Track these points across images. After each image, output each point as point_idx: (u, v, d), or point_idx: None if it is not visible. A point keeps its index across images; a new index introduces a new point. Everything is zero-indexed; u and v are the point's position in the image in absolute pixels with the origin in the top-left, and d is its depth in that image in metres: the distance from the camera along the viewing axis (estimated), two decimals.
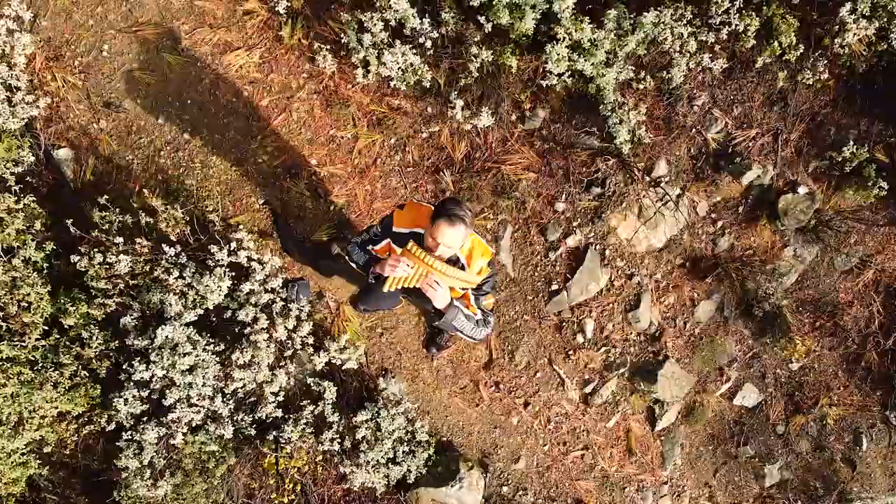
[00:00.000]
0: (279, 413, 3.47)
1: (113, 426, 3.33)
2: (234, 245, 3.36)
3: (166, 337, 3.20)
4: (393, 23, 3.40)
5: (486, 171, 3.94)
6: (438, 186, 3.97)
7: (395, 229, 2.76)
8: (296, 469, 3.69)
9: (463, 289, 2.77)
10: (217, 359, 3.35)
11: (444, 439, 4.04)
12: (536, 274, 4.18)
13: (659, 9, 3.47)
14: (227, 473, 3.51)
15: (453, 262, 2.71)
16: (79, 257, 3.20)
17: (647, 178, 4.01)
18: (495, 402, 4.17)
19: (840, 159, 4.03)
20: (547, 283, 4.17)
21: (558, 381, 4.27)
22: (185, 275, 3.31)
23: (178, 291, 3.27)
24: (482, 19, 3.38)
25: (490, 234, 4.08)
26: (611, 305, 4.23)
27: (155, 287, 3.29)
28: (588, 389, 4.30)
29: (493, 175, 3.96)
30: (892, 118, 3.99)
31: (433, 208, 2.64)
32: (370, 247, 2.88)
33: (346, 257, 2.93)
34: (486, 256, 2.76)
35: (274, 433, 3.51)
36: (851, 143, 4.03)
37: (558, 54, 3.42)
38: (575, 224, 4.12)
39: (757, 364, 4.53)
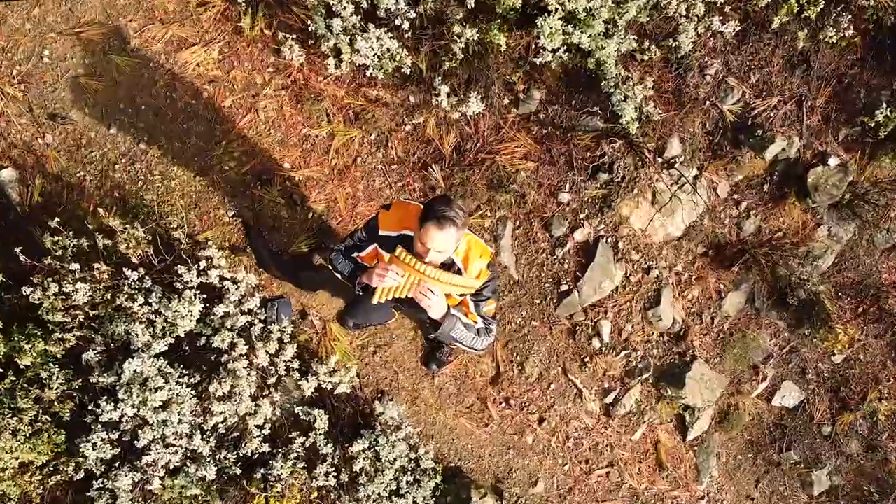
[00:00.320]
0: (266, 448, 3.48)
1: (82, 474, 3.31)
2: (203, 264, 3.38)
3: (135, 371, 3.19)
4: (365, 5, 3.41)
5: (480, 164, 3.95)
6: (427, 184, 3.99)
7: (381, 233, 2.77)
8: None
9: (461, 295, 2.79)
10: (193, 392, 3.34)
11: (453, 465, 4.06)
12: (543, 274, 4.18)
13: None
14: None
15: (448, 266, 2.72)
16: (31, 289, 3.18)
17: (660, 160, 4.03)
18: (506, 421, 4.17)
19: (873, 124, 4.02)
20: (555, 284, 4.18)
21: (575, 393, 4.28)
22: (151, 301, 3.30)
23: (144, 320, 3.27)
24: None
25: (488, 232, 4.08)
26: (628, 304, 4.24)
27: (119, 317, 3.29)
28: (609, 399, 4.31)
29: (488, 167, 3.97)
30: None
31: (422, 207, 2.65)
32: (355, 254, 2.89)
33: (330, 267, 2.94)
34: (485, 258, 2.77)
35: (262, 471, 3.51)
36: (884, 105, 4.01)
37: (551, 27, 3.41)
38: (582, 216, 4.13)
39: (796, 359, 4.55)
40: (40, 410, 3.26)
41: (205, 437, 3.38)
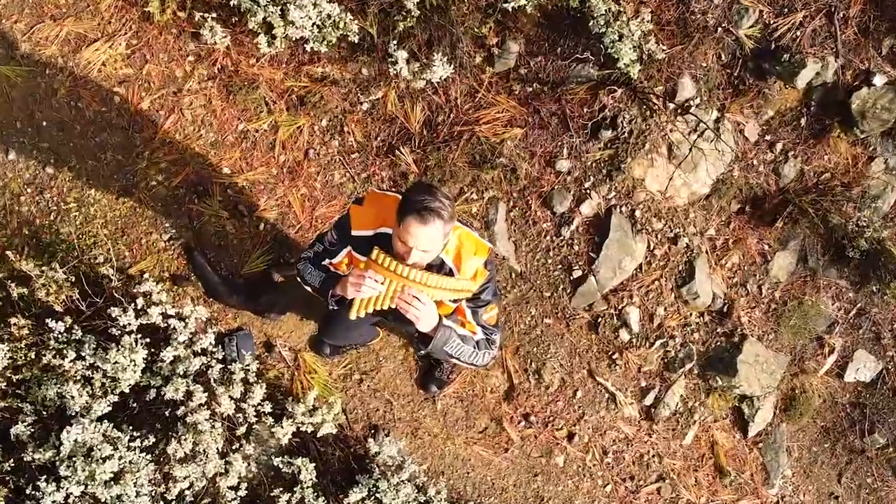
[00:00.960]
0: None
1: None
2: (141, 302, 3.39)
3: (75, 441, 3.15)
4: None
5: (457, 138, 3.99)
6: (397, 170, 4.03)
7: (354, 233, 2.79)
8: None
9: (454, 301, 2.82)
10: (149, 457, 3.31)
11: (472, 503, 4.08)
12: (550, 261, 4.20)
13: None
14: None
15: (437, 267, 2.75)
16: None
17: (671, 105, 4.05)
18: (529, 442, 4.18)
19: None
20: (566, 271, 4.19)
21: (607, 398, 4.29)
22: (84, 354, 3.30)
23: (79, 378, 3.26)
24: None
25: (478, 219, 4.09)
26: (656, 283, 4.26)
27: (48, 378, 3.26)
28: (649, 400, 4.33)
29: (467, 141, 4.00)
30: None
31: (400, 199, 2.67)
32: (326, 261, 2.91)
33: (298, 278, 2.98)
34: (481, 254, 2.79)
35: None
36: None
37: None
38: (587, 185, 4.14)
39: (866, 323, 4.55)
40: None
41: None
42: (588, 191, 4.14)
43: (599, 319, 4.24)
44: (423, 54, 3.76)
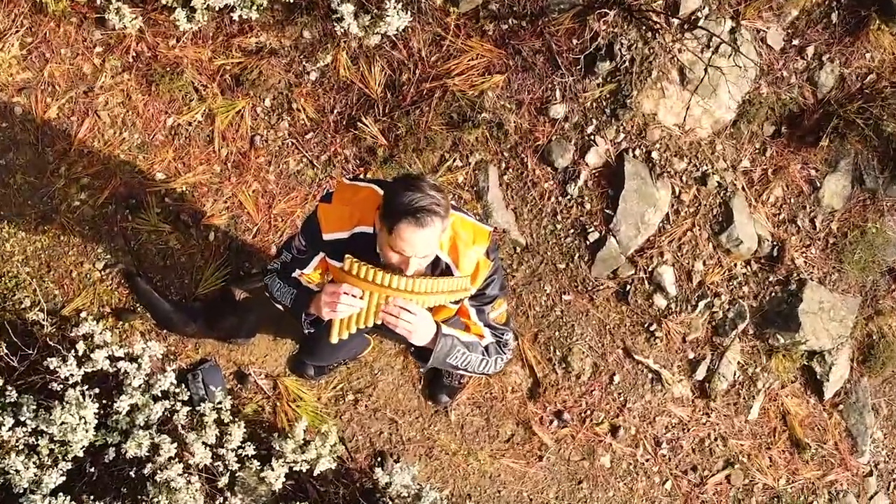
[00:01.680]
0: None
1: None
2: (81, 347, 3.40)
3: None
4: None
5: (427, 97, 4.01)
6: (362, 146, 4.05)
7: (326, 236, 2.80)
8: None
9: (455, 302, 2.85)
10: None
11: None
12: (559, 226, 4.23)
13: None
14: None
15: (431, 266, 2.78)
16: None
17: (675, 22, 4.07)
18: (566, 444, 4.21)
19: None
20: (580, 235, 4.21)
21: (651, 378, 4.32)
22: (23, 419, 3.30)
23: (22, 448, 3.27)
24: None
25: (467, 190, 4.12)
26: (689, 234, 4.28)
27: None
28: (701, 374, 4.34)
29: (441, 99, 4.03)
30: None
31: (380, 191, 2.69)
32: (297, 272, 2.94)
33: (268, 296, 3.01)
34: (481, 242, 2.79)
35: None
36: None
37: None
38: (590, 130, 4.17)
39: None
40: None
41: None
42: (592, 137, 4.16)
43: (628, 287, 4.25)
44: (373, 4, 3.77)
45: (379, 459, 3.97)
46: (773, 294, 4.38)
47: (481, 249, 2.78)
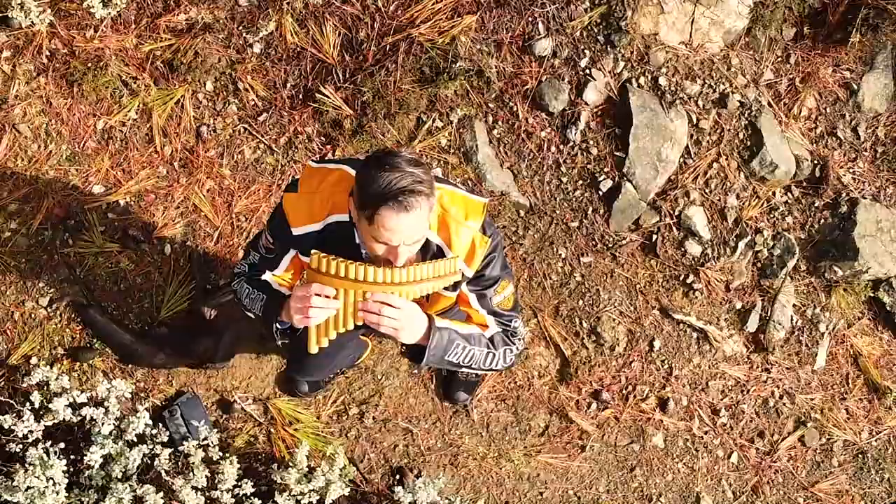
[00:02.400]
0: None
1: None
2: (37, 399, 3.38)
3: None
4: None
5: (392, 53, 3.96)
6: (326, 119, 4.02)
7: (296, 231, 2.72)
8: None
9: (452, 288, 2.79)
10: None
11: None
12: (564, 178, 4.18)
13: None
14: None
15: (422, 251, 2.70)
16: None
17: None
18: (610, 428, 4.15)
19: None
20: (590, 186, 4.17)
21: (696, 338, 4.25)
22: None
23: None
24: None
25: (453, 153, 4.11)
26: (716, 166, 4.21)
27: None
28: (752, 325, 4.26)
29: (407, 53, 3.97)
30: None
31: (352, 172, 2.62)
32: (267, 274, 2.85)
33: (237, 303, 2.98)
34: (475, 216, 2.72)
35: None
36: None
37: None
38: (584, 64, 4.11)
39: None
40: None
41: None
42: (587, 71, 4.11)
43: (654, 237, 4.20)
44: None
45: (398, 477, 3.93)
46: (823, 220, 4.32)
47: (476, 225, 2.71)
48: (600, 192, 4.16)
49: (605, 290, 4.20)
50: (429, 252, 2.69)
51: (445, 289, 2.73)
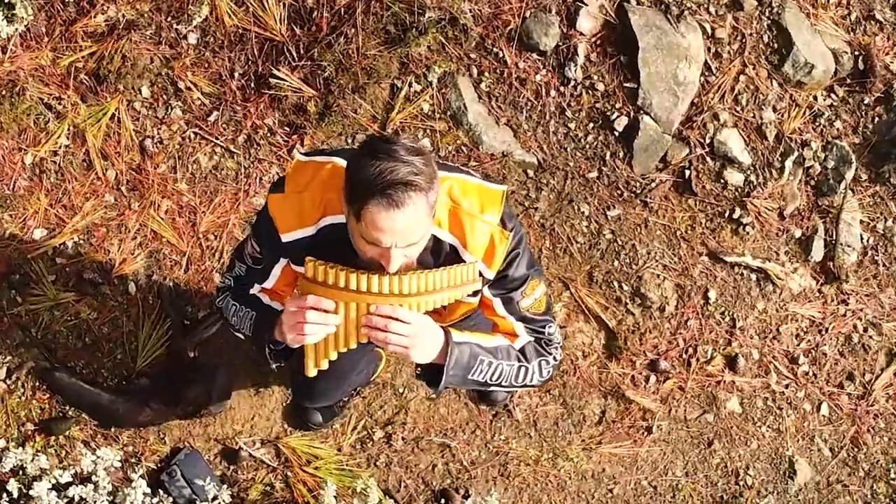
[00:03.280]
0: None
1: None
2: (14, 487, 3.40)
3: None
4: None
5: (349, 18, 3.90)
6: (287, 106, 3.98)
7: (285, 238, 2.65)
8: None
9: (473, 294, 2.70)
10: None
11: None
12: (572, 125, 4.09)
13: None
14: None
15: (432, 250, 2.62)
16: None
17: None
18: (676, 401, 4.08)
19: None
20: (604, 127, 4.09)
21: (756, 280, 4.17)
22: None
23: None
24: None
25: (440, 118, 4.04)
26: (743, 79, 4.14)
27: None
28: (818, 253, 4.19)
29: (367, 14, 3.92)
30: None
31: (342, 165, 2.55)
32: (255, 288, 2.84)
33: (223, 321, 3.02)
34: (492, 208, 2.63)
35: None
36: None
37: None
38: None
39: None
40: None
41: None
42: None
43: (687, 172, 4.14)
44: None
45: (443, 501, 3.86)
46: (877, 119, 4.24)
47: (493, 218, 2.61)
48: (616, 133, 4.09)
49: (642, 243, 4.13)
50: (441, 253, 2.62)
51: (469, 296, 2.70)
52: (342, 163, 2.55)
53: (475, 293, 2.70)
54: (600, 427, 4.00)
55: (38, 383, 3.72)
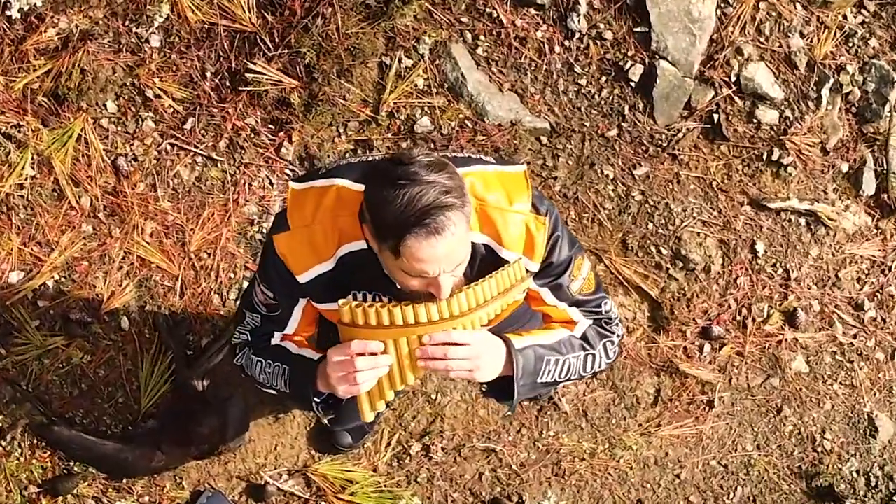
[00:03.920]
0: None
1: None
2: None
3: None
4: None
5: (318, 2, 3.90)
6: (268, 101, 3.92)
7: (302, 278, 2.56)
8: None
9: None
10: None
11: None
12: (583, 81, 4.04)
13: None
14: None
15: (469, 262, 2.49)
16: None
17: None
18: (735, 369, 4.05)
19: None
20: (618, 79, 4.03)
21: (805, 224, 4.12)
22: None
23: None
24: None
25: (438, 93, 3.98)
26: (762, 6, 4.07)
27: None
28: (869, 186, 4.13)
29: None
30: None
31: (349, 185, 2.51)
32: (276, 337, 2.74)
33: (249, 380, 2.82)
34: (519, 194, 2.56)
35: None
36: None
37: None
38: None
39: None
40: None
41: None
42: None
43: (716, 116, 4.08)
44: None
45: None
46: None
47: (525, 206, 2.54)
48: (632, 84, 4.05)
49: (676, 200, 4.10)
50: (477, 257, 2.52)
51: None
52: (345, 183, 2.49)
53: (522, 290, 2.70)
54: (657, 408, 4.00)
55: (36, 440, 3.72)
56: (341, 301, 2.43)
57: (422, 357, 2.39)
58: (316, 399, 2.59)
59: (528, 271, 2.55)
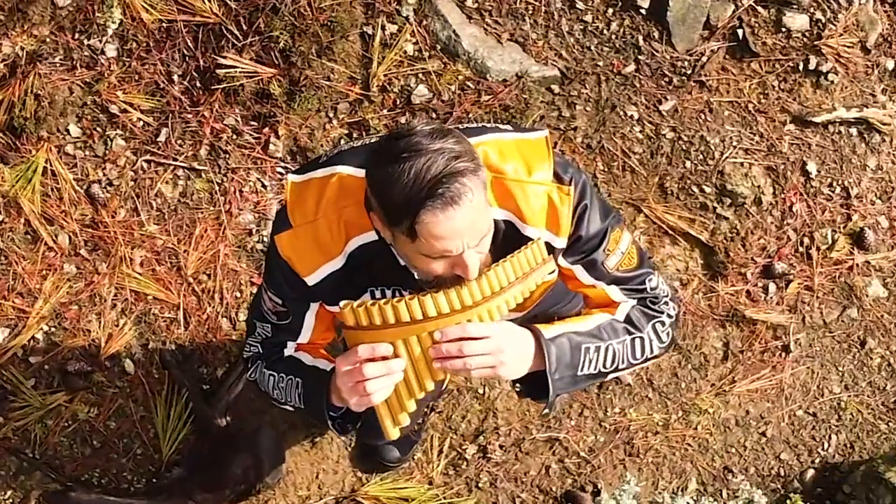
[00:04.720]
0: None
1: None
2: None
3: None
4: None
5: None
6: (245, 97, 3.85)
7: (311, 280, 2.46)
8: None
9: (549, 273, 2.54)
10: None
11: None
12: (588, 18, 3.94)
13: None
14: None
15: (504, 239, 2.45)
16: None
17: None
18: (806, 304, 3.97)
19: None
20: (627, 10, 3.93)
21: (856, 133, 4.00)
22: None
23: None
24: None
25: (433, 56, 3.89)
26: None
27: None
28: None
29: None
30: None
31: (352, 172, 2.42)
32: (290, 347, 2.66)
33: (263, 396, 2.83)
34: (540, 163, 2.46)
35: None
36: None
37: None
38: None
39: None
40: None
41: None
42: None
43: (740, 33, 3.97)
44: None
45: (573, 498, 3.88)
46: None
47: (546, 175, 2.43)
48: (642, 11, 3.93)
49: (712, 132, 3.98)
50: (499, 234, 2.40)
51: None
52: (348, 170, 2.40)
53: (552, 271, 2.53)
54: (728, 363, 3.92)
55: None
56: (342, 303, 2.32)
57: (436, 357, 2.26)
58: (332, 414, 2.49)
59: (555, 249, 2.43)
